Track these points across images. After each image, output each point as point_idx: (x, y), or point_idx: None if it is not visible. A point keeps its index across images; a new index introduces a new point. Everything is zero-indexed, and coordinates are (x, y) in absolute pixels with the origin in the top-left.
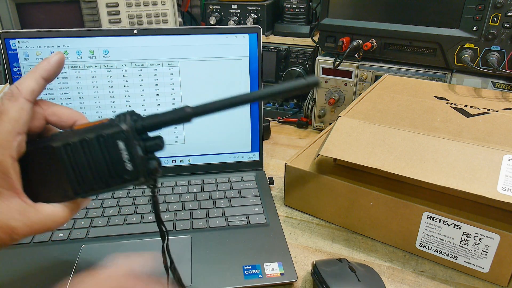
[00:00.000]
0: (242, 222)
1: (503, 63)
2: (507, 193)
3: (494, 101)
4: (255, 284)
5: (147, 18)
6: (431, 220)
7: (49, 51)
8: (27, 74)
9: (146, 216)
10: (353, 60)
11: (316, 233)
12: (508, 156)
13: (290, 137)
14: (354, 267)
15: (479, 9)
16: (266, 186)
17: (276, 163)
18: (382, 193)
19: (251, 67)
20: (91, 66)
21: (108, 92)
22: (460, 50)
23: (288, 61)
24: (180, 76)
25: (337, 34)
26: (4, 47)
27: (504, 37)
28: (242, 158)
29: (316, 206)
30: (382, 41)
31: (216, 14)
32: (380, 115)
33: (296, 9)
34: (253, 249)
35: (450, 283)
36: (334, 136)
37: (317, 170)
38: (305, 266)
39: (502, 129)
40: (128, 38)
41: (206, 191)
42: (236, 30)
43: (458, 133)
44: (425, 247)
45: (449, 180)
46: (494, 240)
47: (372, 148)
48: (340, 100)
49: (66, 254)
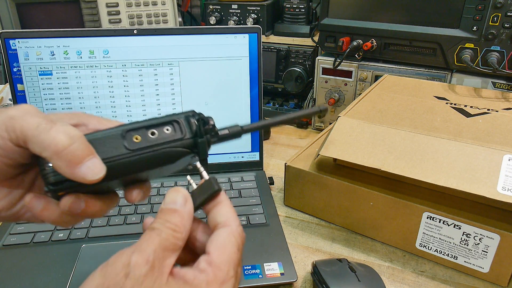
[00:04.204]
0: (242, 222)
1: (503, 63)
2: (507, 193)
3: (494, 101)
4: (255, 284)
5: (147, 18)
6: (431, 220)
7: (49, 51)
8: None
9: (146, 216)
10: (353, 60)
11: (316, 233)
12: (508, 156)
13: (290, 137)
14: (354, 267)
15: (479, 9)
16: (266, 186)
17: (276, 163)
18: (382, 193)
19: (251, 67)
20: (91, 66)
21: (108, 92)
22: (460, 50)
23: (288, 61)
24: (180, 76)
25: (337, 34)
26: (4, 47)
27: (504, 37)
28: (242, 158)
29: (316, 206)
30: (382, 41)
31: (216, 14)
32: (380, 115)
33: (296, 9)
34: (253, 249)
35: (450, 283)
36: (334, 136)
37: (317, 170)
38: (305, 266)
39: (502, 129)
40: (128, 38)
41: None
42: (236, 30)
43: (458, 133)
44: (425, 247)
45: (449, 180)
46: (494, 240)
47: (372, 148)
48: (340, 100)
49: (66, 254)
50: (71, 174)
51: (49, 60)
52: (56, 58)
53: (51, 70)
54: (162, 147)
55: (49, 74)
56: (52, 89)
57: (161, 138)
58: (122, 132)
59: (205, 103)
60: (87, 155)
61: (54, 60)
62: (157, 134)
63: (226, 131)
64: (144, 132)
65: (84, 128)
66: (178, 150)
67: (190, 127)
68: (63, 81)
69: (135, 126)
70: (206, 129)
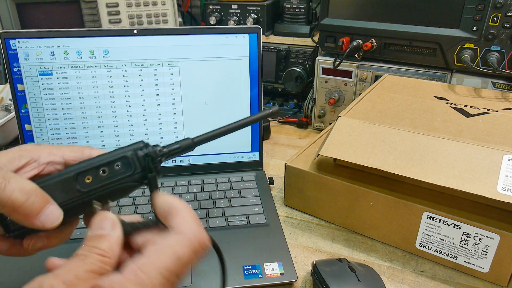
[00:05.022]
0: (242, 222)
1: (503, 63)
2: (507, 193)
3: (494, 101)
4: (255, 284)
5: (147, 18)
6: (431, 220)
7: (49, 51)
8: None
9: (146, 217)
10: (353, 60)
11: (316, 233)
12: (508, 156)
13: (290, 137)
14: (354, 267)
15: (479, 9)
16: (266, 186)
17: (276, 163)
18: (382, 193)
19: (251, 67)
20: (91, 66)
21: (108, 92)
22: (460, 50)
23: (288, 61)
24: (180, 76)
25: (337, 34)
26: (4, 47)
27: (504, 37)
28: (242, 158)
29: (316, 206)
30: (382, 41)
31: (216, 14)
32: (380, 115)
33: (296, 9)
34: (253, 249)
35: (450, 283)
36: (334, 136)
37: (317, 170)
38: (305, 266)
39: (502, 129)
40: (128, 38)
41: (206, 191)
42: (236, 30)
43: (458, 133)
44: (425, 247)
45: (449, 180)
46: (494, 240)
47: (372, 148)
48: (340, 100)
49: (66, 254)
50: (30, 225)
51: (49, 60)
52: (56, 58)
53: (51, 70)
54: (113, 184)
55: (49, 74)
56: (52, 89)
57: (112, 176)
58: (73, 176)
59: (205, 103)
60: (44, 205)
61: (54, 60)
62: (108, 172)
63: (177, 146)
64: (94, 172)
65: (35, 164)
66: (130, 184)
67: (139, 162)
68: (63, 81)
69: (85, 167)
70: (155, 160)
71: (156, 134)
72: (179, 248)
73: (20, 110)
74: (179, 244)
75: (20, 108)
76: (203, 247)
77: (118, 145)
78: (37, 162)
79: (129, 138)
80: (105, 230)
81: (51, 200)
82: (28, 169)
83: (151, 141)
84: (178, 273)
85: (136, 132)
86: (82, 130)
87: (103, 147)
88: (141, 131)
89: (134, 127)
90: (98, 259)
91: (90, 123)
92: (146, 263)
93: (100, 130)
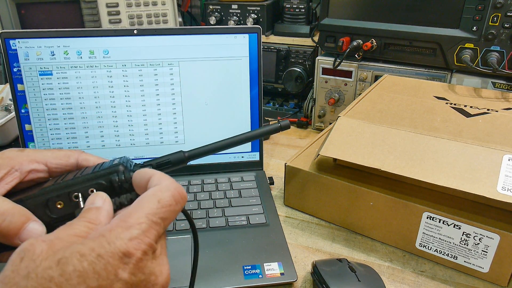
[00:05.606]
0: (242, 222)
1: (503, 63)
2: (507, 193)
3: (494, 101)
4: (255, 284)
5: (147, 18)
6: (431, 220)
7: (49, 51)
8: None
9: None
10: (353, 60)
11: (316, 233)
12: (508, 156)
13: (290, 137)
14: (354, 267)
15: (479, 9)
16: (266, 186)
17: (276, 163)
18: (382, 193)
19: (251, 67)
20: (91, 66)
21: (108, 92)
22: (460, 50)
23: (288, 61)
24: (180, 76)
25: (337, 34)
26: (4, 47)
27: (504, 37)
28: (242, 158)
29: (316, 206)
30: (382, 41)
31: (216, 14)
32: (380, 115)
33: (296, 9)
34: (253, 249)
35: (450, 283)
36: (334, 136)
37: (317, 170)
38: (305, 266)
39: (502, 129)
40: (128, 38)
41: (206, 191)
42: (236, 30)
43: (458, 133)
44: (425, 247)
45: (449, 180)
46: (494, 240)
47: (372, 148)
48: (340, 100)
49: None
50: (13, 244)
51: (49, 60)
52: (56, 58)
53: (51, 70)
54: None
55: (49, 74)
56: (52, 89)
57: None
58: (43, 202)
59: (205, 103)
60: (23, 223)
61: (54, 60)
62: (80, 198)
63: (168, 159)
64: (66, 197)
65: (17, 173)
66: None
67: (113, 188)
68: (63, 81)
69: (57, 192)
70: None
71: (156, 134)
72: (159, 193)
73: (20, 110)
74: (158, 190)
75: (20, 108)
76: (181, 195)
77: (118, 145)
78: (19, 171)
79: (129, 138)
80: (95, 205)
81: (32, 217)
82: (9, 179)
83: (151, 141)
84: (162, 215)
85: (136, 132)
86: (82, 130)
87: (103, 147)
88: (141, 131)
89: (134, 127)
90: (84, 225)
91: (90, 123)
92: (130, 211)
93: (100, 130)
